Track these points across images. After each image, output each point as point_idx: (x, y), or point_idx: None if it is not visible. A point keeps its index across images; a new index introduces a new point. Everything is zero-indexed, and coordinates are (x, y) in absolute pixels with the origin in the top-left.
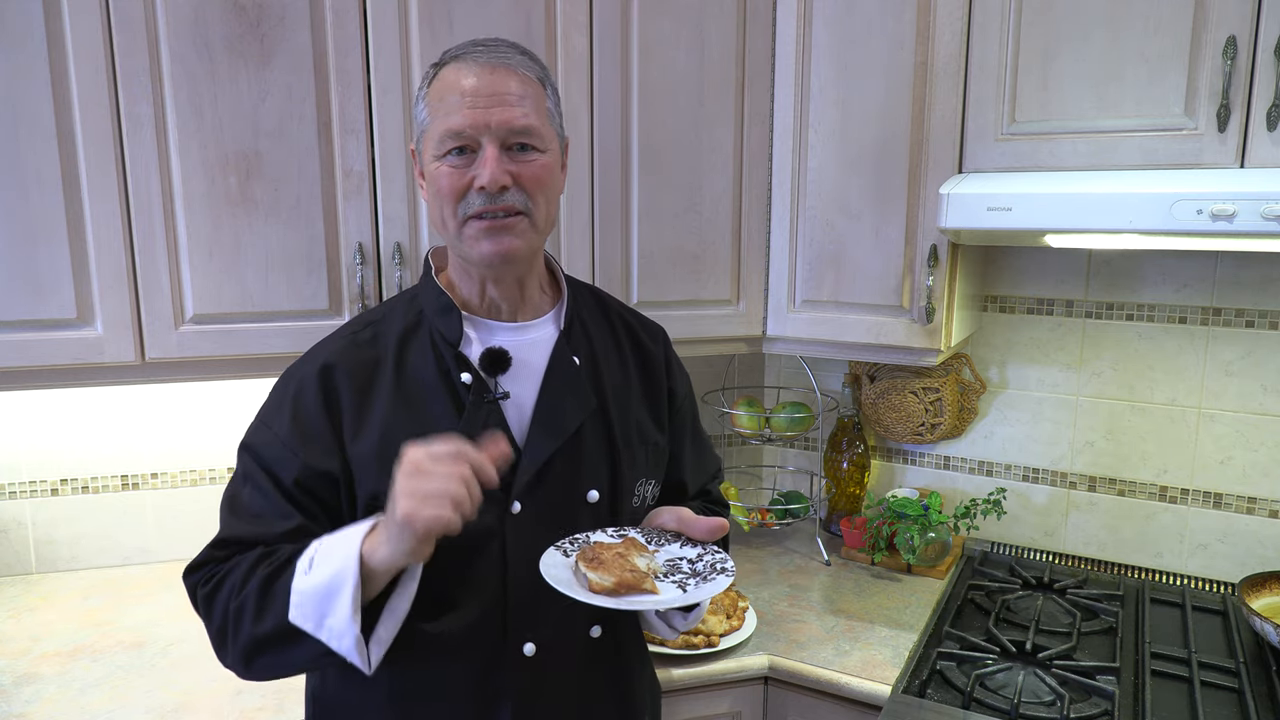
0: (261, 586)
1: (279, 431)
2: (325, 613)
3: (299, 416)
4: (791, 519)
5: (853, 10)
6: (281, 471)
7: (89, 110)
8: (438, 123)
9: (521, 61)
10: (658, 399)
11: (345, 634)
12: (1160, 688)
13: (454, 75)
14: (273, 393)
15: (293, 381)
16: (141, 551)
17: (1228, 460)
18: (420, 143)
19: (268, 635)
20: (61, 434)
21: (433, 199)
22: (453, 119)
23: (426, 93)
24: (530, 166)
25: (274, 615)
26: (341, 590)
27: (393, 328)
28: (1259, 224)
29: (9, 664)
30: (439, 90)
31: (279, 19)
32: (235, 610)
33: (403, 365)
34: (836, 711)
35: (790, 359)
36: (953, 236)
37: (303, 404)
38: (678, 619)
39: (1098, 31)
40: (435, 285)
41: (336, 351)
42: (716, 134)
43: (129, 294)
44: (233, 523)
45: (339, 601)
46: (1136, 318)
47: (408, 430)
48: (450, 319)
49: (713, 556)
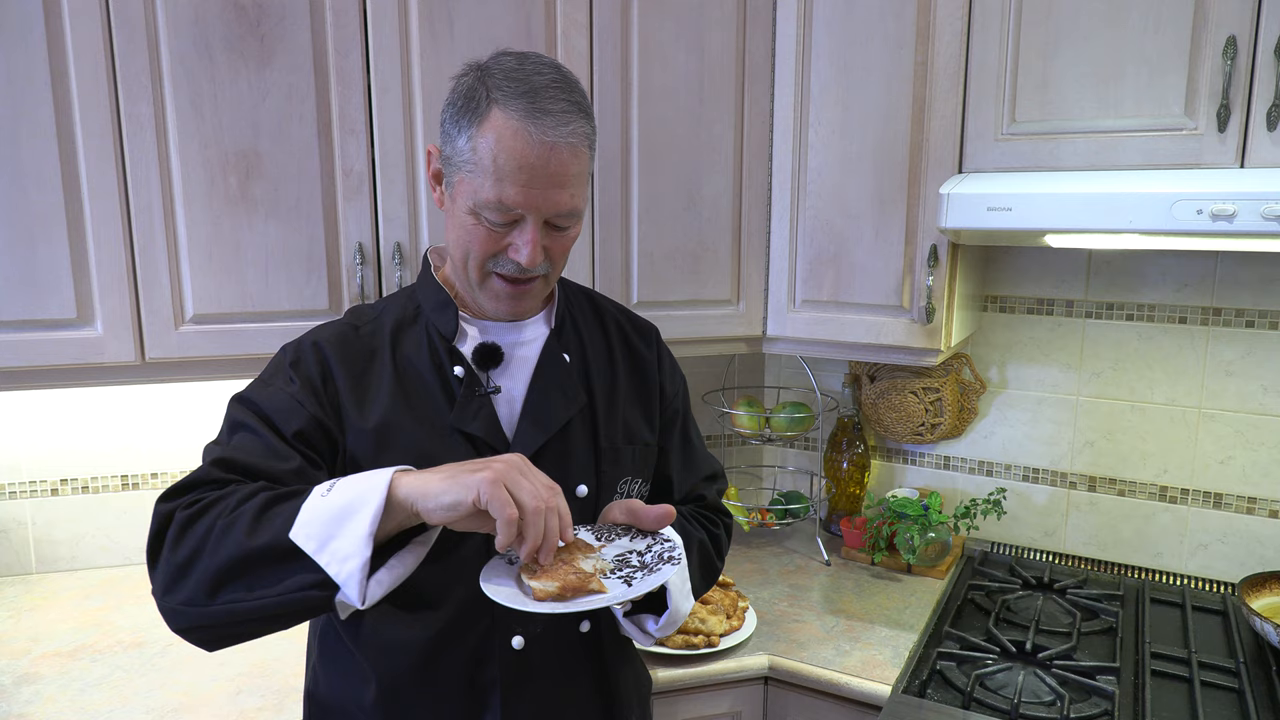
0: (262, 505)
1: (282, 386)
2: (333, 534)
3: (301, 377)
4: (791, 519)
5: (853, 10)
6: (284, 422)
7: (89, 110)
8: (487, 182)
9: (577, 128)
10: (649, 398)
11: (352, 556)
12: (1160, 688)
13: (512, 137)
14: (269, 365)
15: (288, 352)
16: (141, 551)
17: (1228, 460)
18: (451, 173)
19: (253, 552)
20: (61, 434)
21: (459, 239)
22: (506, 191)
23: (474, 131)
24: (563, 240)
25: (270, 531)
26: (359, 511)
27: (388, 319)
28: (1259, 224)
29: (9, 664)
30: (494, 144)
31: (279, 19)
32: (221, 528)
33: (397, 354)
34: (836, 711)
35: (790, 359)
36: (953, 236)
37: (303, 369)
38: (649, 621)
39: (1098, 31)
40: (434, 282)
41: (331, 335)
42: (716, 134)
43: (129, 294)
44: (235, 451)
45: (353, 522)
46: (1136, 318)
47: (404, 415)
48: (447, 314)
49: (661, 546)
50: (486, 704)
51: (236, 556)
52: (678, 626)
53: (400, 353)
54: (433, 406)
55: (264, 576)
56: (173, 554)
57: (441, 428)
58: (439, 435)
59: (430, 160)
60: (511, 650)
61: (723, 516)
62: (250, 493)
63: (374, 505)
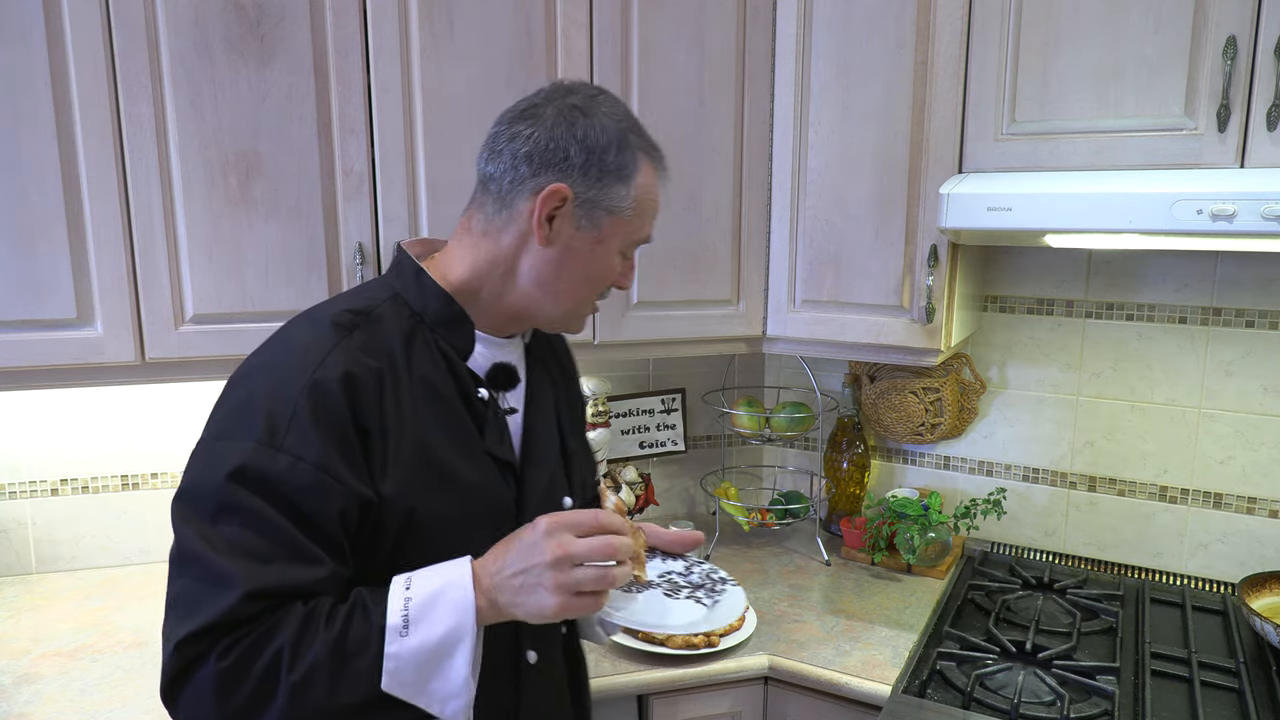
0: (332, 650)
1: (303, 454)
2: (430, 676)
3: (331, 434)
4: (791, 519)
5: (853, 10)
6: (312, 505)
7: (89, 110)
8: (644, 224)
9: None
10: (577, 398)
11: (458, 695)
12: (1160, 688)
13: (652, 184)
14: (266, 409)
15: (304, 394)
16: (141, 551)
17: (1228, 460)
18: (600, 210)
19: (344, 710)
20: (61, 434)
21: (590, 274)
22: (647, 229)
23: (635, 181)
24: None
25: (358, 688)
26: (456, 651)
27: (392, 329)
28: (1259, 224)
29: (9, 664)
30: (645, 191)
31: (279, 19)
32: (293, 686)
33: (413, 374)
34: (836, 711)
35: (790, 359)
36: (953, 236)
37: (328, 418)
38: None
39: (1098, 31)
40: (436, 288)
41: (348, 361)
42: (716, 134)
43: (129, 294)
44: (253, 569)
45: (453, 663)
46: (1136, 318)
47: (438, 441)
48: (463, 331)
49: (700, 565)
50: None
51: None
52: None
53: (414, 372)
54: (460, 428)
55: None
56: (223, 707)
57: (470, 451)
58: (471, 459)
59: (548, 201)
60: (527, 664)
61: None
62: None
63: (469, 642)
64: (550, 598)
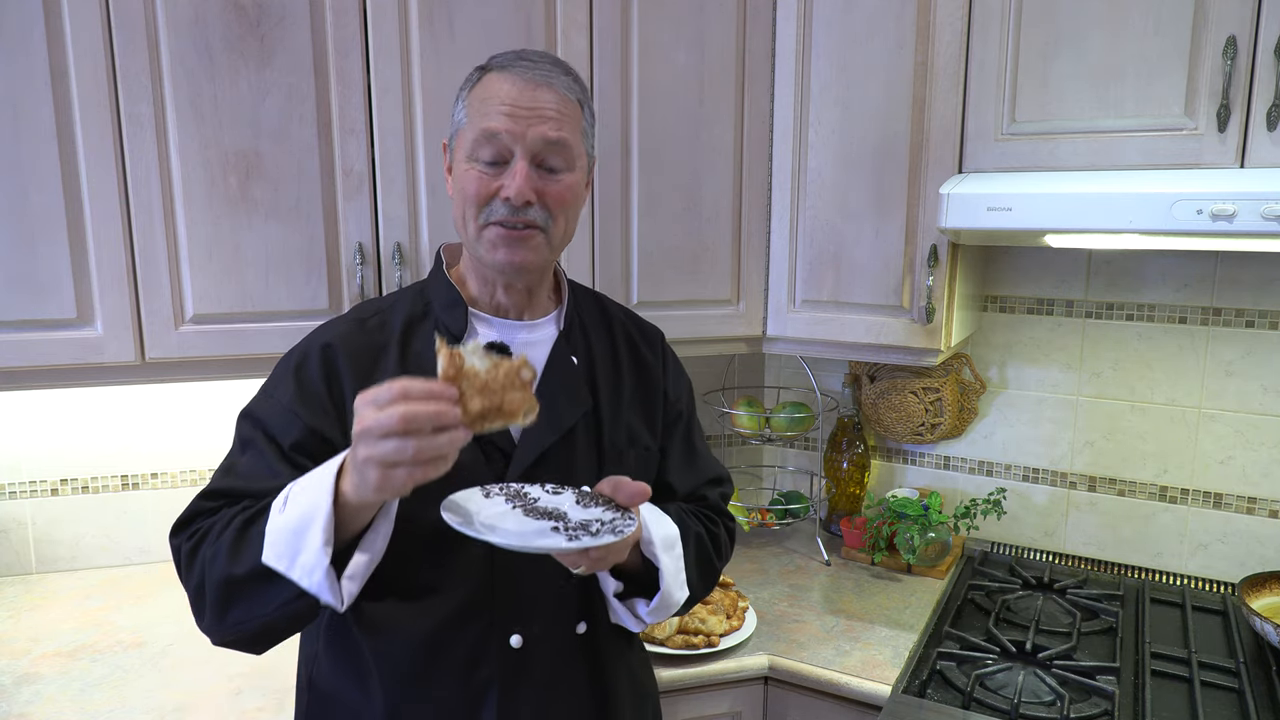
0: (238, 530)
1: (281, 398)
2: (298, 549)
3: (302, 383)
4: (791, 519)
5: (852, 10)
6: (282, 435)
7: (89, 110)
8: (474, 123)
9: (565, 82)
10: (652, 402)
11: (316, 568)
12: (1160, 688)
13: (497, 83)
14: (275, 369)
15: (294, 355)
16: (141, 551)
17: (1228, 460)
18: (454, 140)
19: (240, 578)
20: (61, 434)
21: (457, 198)
22: (490, 121)
23: (468, 95)
24: (556, 186)
25: (248, 557)
26: (313, 524)
27: (398, 315)
28: (1259, 224)
29: (9, 664)
30: (480, 94)
31: (279, 19)
32: (210, 557)
33: (407, 351)
34: (836, 711)
35: (790, 359)
36: (953, 236)
37: (305, 374)
38: (641, 605)
39: (1098, 31)
40: (445, 279)
41: (340, 334)
42: (716, 134)
43: (129, 294)
44: (221, 479)
45: (310, 535)
46: (1136, 318)
47: None
48: (456, 313)
49: (623, 521)
50: (483, 702)
51: (226, 584)
52: (671, 613)
53: (410, 349)
54: None
55: (255, 598)
56: (186, 585)
57: None
58: None
59: (445, 154)
60: (510, 649)
61: (724, 519)
62: (229, 519)
63: (322, 516)
64: (370, 471)
